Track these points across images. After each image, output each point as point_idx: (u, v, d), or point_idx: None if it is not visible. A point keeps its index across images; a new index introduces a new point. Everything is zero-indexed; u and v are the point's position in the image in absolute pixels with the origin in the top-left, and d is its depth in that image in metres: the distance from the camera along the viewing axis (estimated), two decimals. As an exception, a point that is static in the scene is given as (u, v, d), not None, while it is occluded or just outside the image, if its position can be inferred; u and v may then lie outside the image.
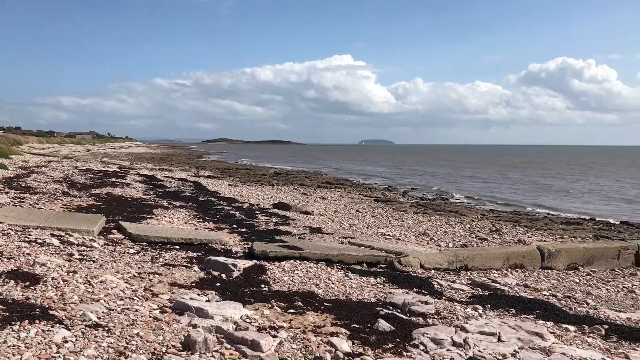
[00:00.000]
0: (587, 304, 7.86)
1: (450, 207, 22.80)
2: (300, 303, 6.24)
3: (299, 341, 4.97)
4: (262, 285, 7.06)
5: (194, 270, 7.58)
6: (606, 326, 6.32)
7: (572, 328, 6.16)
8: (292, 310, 5.94)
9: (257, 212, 16.19)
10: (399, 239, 13.29)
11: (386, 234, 13.90)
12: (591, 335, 6.00)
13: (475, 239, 14.22)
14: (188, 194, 20.01)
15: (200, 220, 13.56)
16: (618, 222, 21.15)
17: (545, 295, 8.21)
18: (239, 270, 7.59)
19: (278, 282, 7.33)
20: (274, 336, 4.98)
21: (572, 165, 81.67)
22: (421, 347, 5.05)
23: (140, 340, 4.56)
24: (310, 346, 4.85)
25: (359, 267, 8.82)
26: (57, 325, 4.60)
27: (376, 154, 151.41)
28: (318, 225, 14.35)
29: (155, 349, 4.45)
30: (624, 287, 9.32)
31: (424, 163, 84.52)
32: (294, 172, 45.20)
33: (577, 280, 9.50)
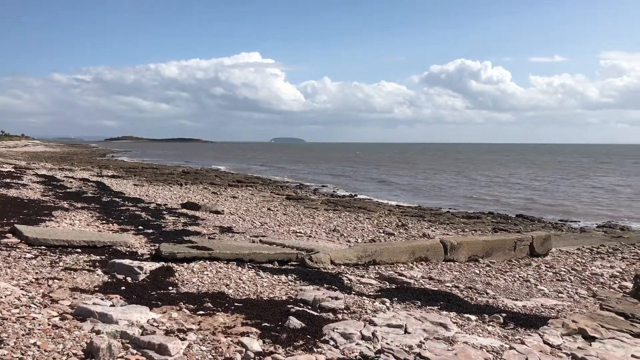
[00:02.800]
0: (487, 294, 8.30)
1: (359, 204, 23.30)
2: (210, 304, 6.14)
3: (208, 343, 4.89)
4: (170, 288, 6.88)
5: (97, 274, 7.25)
6: (504, 314, 6.71)
7: (473, 317, 6.48)
8: (201, 312, 5.83)
9: (165, 212, 15.76)
10: (310, 236, 13.41)
11: (298, 231, 13.98)
12: (491, 323, 6.34)
13: (383, 234, 14.61)
14: (90, 195, 19.14)
15: (104, 222, 13.00)
16: (514, 216, 22.51)
17: (448, 286, 8.58)
18: (145, 273, 7.35)
19: (187, 283, 7.17)
20: (183, 339, 4.87)
21: (467, 162, 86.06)
22: (331, 342, 5.12)
23: (38, 350, 4.30)
24: (221, 347, 4.78)
25: (270, 265, 8.80)
26: (-58, 339, 4.25)
27: (287, 151, 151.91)
28: (229, 224, 14.19)
29: (54, 358, 4.21)
30: (519, 276, 9.92)
31: (335, 161, 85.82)
32: (203, 171, 44.37)
33: (478, 272, 10.01)
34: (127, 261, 7.66)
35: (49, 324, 4.95)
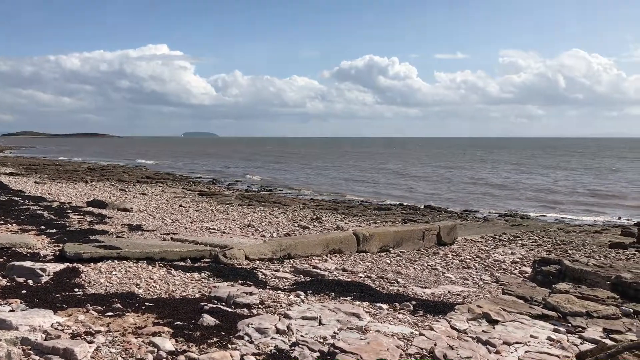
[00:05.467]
0: (398, 282, 8.56)
1: (274, 198, 23.29)
2: (119, 305, 5.93)
3: (118, 344, 4.73)
4: (76, 289, 6.58)
5: (-6, 279, 6.81)
6: (414, 302, 6.95)
7: (385, 306, 6.67)
8: (110, 313, 5.62)
9: (69, 211, 15.02)
10: (224, 232, 13.24)
11: (211, 227, 13.77)
12: (401, 311, 6.55)
13: (297, 228, 14.69)
14: (-15, 194, 17.90)
15: (1, 222, 12.20)
16: (423, 206, 23.35)
17: (361, 277, 8.77)
18: (48, 275, 6.99)
19: (94, 284, 6.89)
20: (91, 342, 4.67)
21: (379, 155, 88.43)
22: (246, 337, 5.10)
23: None
24: (131, 348, 4.64)
25: (182, 263, 8.63)
26: None
27: (199, 146, 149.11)
28: (138, 222, 13.74)
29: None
30: (428, 265, 10.30)
31: (248, 155, 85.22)
32: (110, 167, 42.63)
33: (389, 262, 10.30)
34: (28, 263, 7.26)
35: (-61, 334, 4.59)
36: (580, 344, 5.44)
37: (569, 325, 6.06)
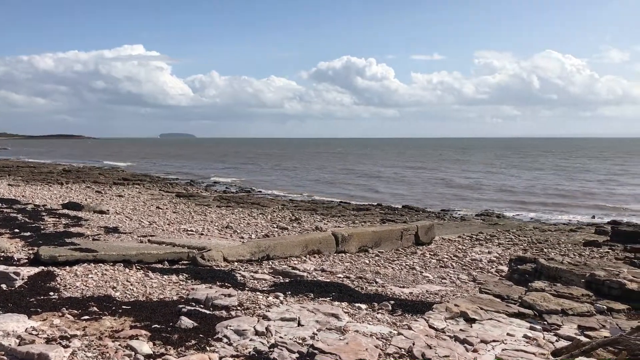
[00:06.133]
0: (377, 282, 8.60)
1: (252, 200, 23.21)
2: (95, 308, 5.86)
3: (94, 348, 4.67)
4: (52, 293, 6.48)
5: (-34, 283, 6.68)
6: (392, 302, 6.98)
7: (364, 306, 6.69)
8: (86, 317, 5.54)
9: (44, 213, 14.78)
10: (202, 234, 13.16)
11: (189, 229, 13.67)
12: (380, 311, 6.58)
13: (276, 229, 14.67)
14: (-43, 197, 17.53)
15: (-26, 225, 11.96)
16: (400, 206, 23.48)
17: (340, 277, 8.80)
18: (22, 279, 6.88)
19: (70, 288, 6.80)
20: (66, 346, 4.60)
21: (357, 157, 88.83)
22: (224, 340, 5.07)
23: None
24: (108, 352, 4.58)
25: (160, 265, 8.56)
26: None
27: (176, 147, 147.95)
28: (115, 224, 13.58)
29: None
30: (406, 264, 10.37)
31: (227, 156, 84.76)
32: (85, 169, 42.03)
33: (368, 262, 10.34)
34: (1, 267, 7.13)
35: None
36: (556, 341, 5.52)
37: (545, 323, 6.15)
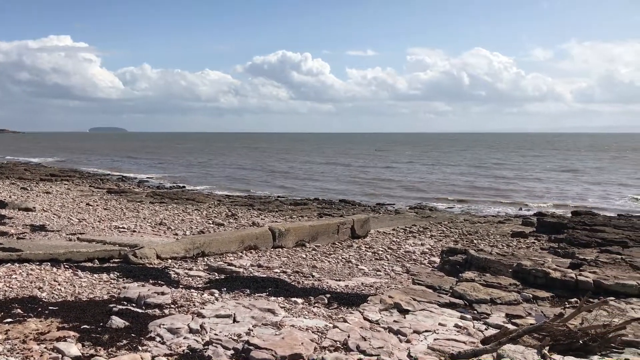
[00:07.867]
0: (313, 276, 8.65)
1: (187, 195, 22.78)
2: (19, 310, 5.60)
3: (18, 352, 4.46)
4: (-29, 296, 6.15)
5: None
6: (329, 295, 7.03)
7: (300, 300, 6.71)
8: (9, 320, 5.28)
9: (-37, 212, 13.99)
10: (135, 231, 12.82)
11: (120, 226, 13.28)
12: (316, 305, 6.62)
13: (212, 225, 14.48)
14: None
15: None
16: (338, 200, 23.69)
17: (277, 272, 8.78)
18: (-62, 282, 6.48)
19: (-9, 290, 6.46)
20: (-14, 352, 4.38)
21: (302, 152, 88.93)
22: (157, 338, 4.96)
23: None
24: (32, 356, 4.39)
25: (90, 264, 8.27)
26: None
27: (107, 141, 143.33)
28: (42, 222, 13.02)
29: None
30: (342, 258, 10.48)
31: (159, 151, 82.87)
32: (10, 165, 40.02)
33: (305, 256, 10.37)
34: None
35: None
36: (485, 329, 5.73)
37: (475, 312, 6.37)
